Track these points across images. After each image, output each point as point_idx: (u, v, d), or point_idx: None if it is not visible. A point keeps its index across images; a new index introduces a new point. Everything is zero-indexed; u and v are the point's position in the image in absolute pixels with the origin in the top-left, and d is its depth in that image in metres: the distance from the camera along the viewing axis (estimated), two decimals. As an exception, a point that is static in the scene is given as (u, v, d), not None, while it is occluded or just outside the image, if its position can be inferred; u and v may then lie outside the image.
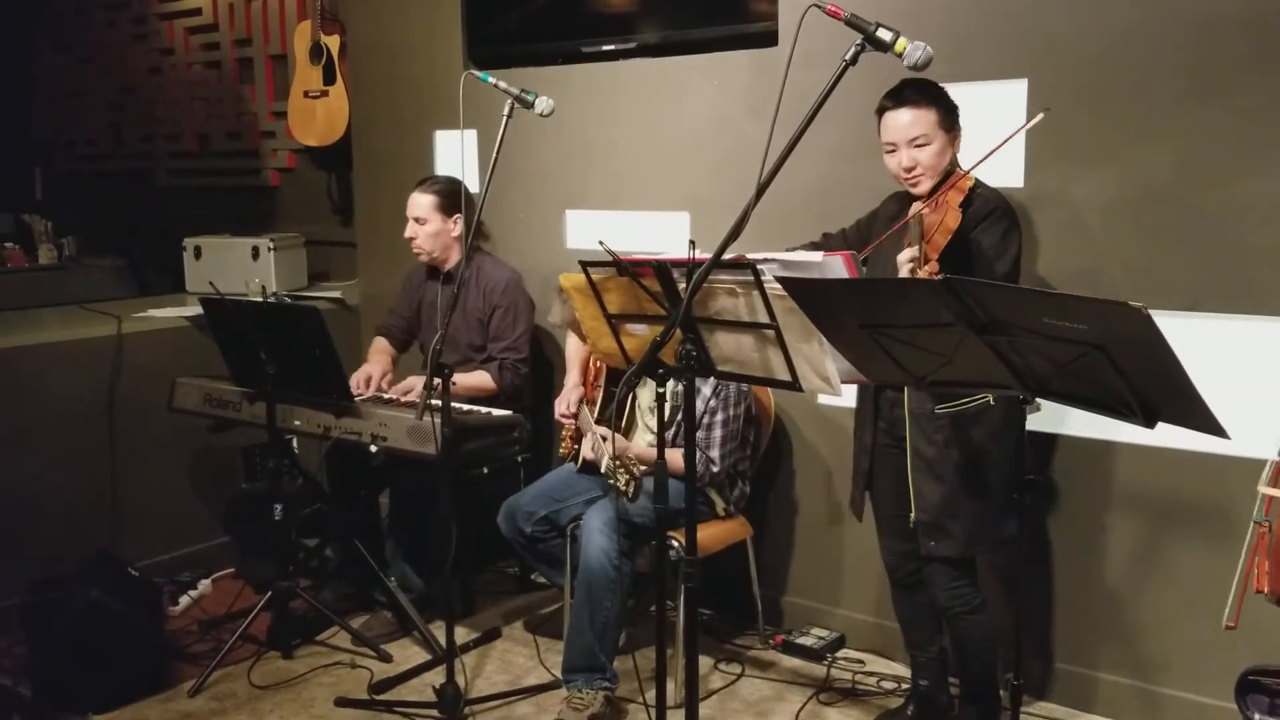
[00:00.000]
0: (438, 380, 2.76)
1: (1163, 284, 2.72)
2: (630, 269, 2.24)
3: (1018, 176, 2.88)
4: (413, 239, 3.56)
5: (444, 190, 3.57)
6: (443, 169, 4.09)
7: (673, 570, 2.94)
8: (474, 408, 3.32)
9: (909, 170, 2.53)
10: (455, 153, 4.07)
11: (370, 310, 4.48)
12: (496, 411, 3.30)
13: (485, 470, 3.33)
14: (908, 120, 2.50)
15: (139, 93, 5.83)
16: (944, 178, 2.52)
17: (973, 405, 2.52)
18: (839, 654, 3.31)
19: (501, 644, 3.44)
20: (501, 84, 2.84)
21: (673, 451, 2.73)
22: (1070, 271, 2.85)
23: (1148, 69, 2.70)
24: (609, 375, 3.31)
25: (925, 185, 2.53)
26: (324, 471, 3.67)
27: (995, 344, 1.84)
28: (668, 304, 2.22)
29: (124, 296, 5.01)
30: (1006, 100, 2.86)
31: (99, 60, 5.99)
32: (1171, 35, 2.66)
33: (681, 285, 2.16)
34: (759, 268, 2.07)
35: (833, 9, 2.02)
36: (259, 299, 4.15)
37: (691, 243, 2.14)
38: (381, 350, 3.78)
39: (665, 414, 2.28)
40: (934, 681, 2.85)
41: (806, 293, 2.02)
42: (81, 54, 6.07)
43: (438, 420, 2.78)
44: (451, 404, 2.79)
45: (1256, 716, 2.27)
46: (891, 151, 2.56)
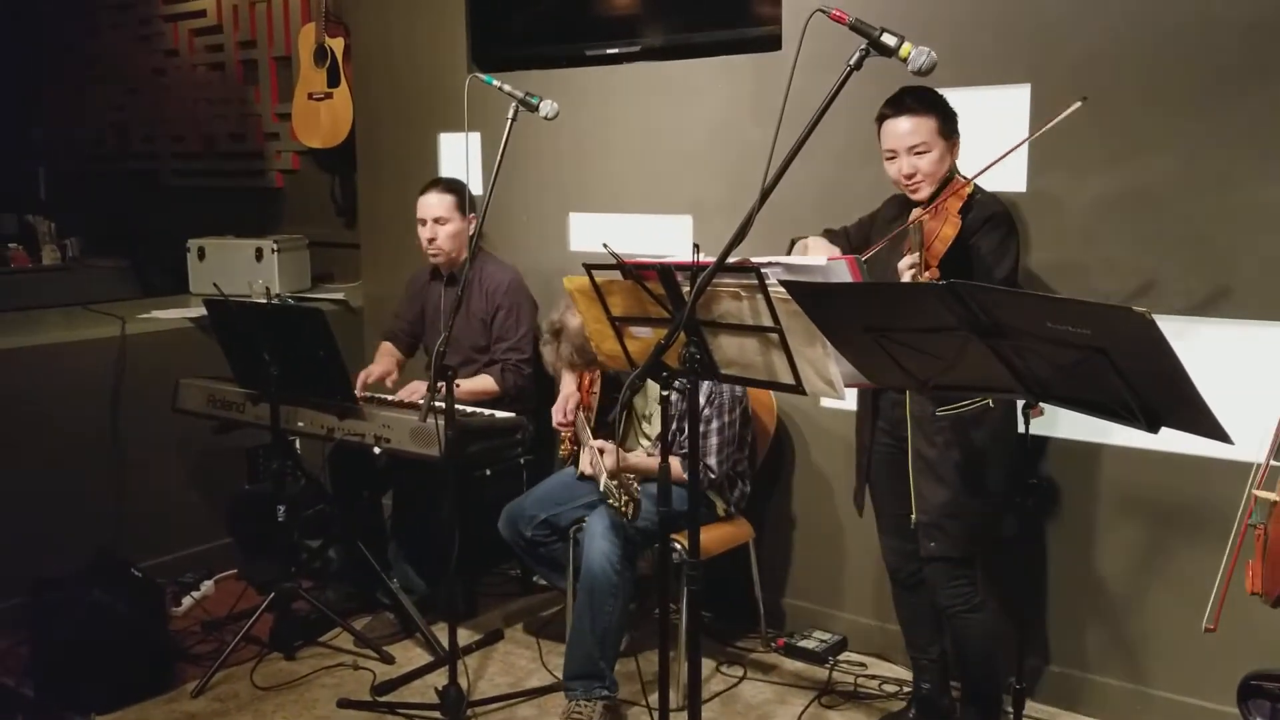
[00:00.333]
0: (441, 383, 2.76)
1: (1164, 288, 2.73)
2: (634, 272, 2.25)
3: (1020, 181, 2.88)
4: (433, 240, 3.57)
5: (459, 190, 3.59)
6: (446, 171, 4.10)
7: (675, 573, 2.95)
8: (477, 409, 3.32)
9: (909, 177, 2.56)
10: (459, 155, 4.08)
11: (373, 312, 4.49)
12: (499, 414, 3.31)
13: (488, 472, 3.34)
14: (907, 128, 2.53)
15: (143, 94, 5.85)
16: (944, 184, 2.55)
17: (973, 407, 2.54)
18: (841, 657, 3.31)
19: (504, 646, 3.45)
20: (506, 87, 2.84)
21: (672, 460, 2.73)
22: (1072, 275, 2.85)
23: (1150, 75, 2.70)
24: (604, 381, 3.31)
25: (925, 192, 2.56)
26: (327, 473, 3.68)
27: (998, 348, 1.84)
28: (672, 307, 2.23)
29: (127, 297, 5.01)
30: (1009, 105, 2.87)
31: (104, 61, 6.00)
32: (1173, 41, 2.66)
33: (685, 288, 2.17)
34: (763, 271, 2.08)
35: (837, 14, 2.03)
36: (263, 300, 4.16)
37: (696, 246, 2.14)
38: (386, 353, 3.79)
39: (659, 426, 2.28)
40: (936, 684, 2.86)
41: (810, 296, 2.02)
42: (86, 55, 6.08)
43: (441, 422, 2.79)
44: (455, 406, 2.80)
45: (1258, 721, 2.27)
46: (891, 159, 2.58)
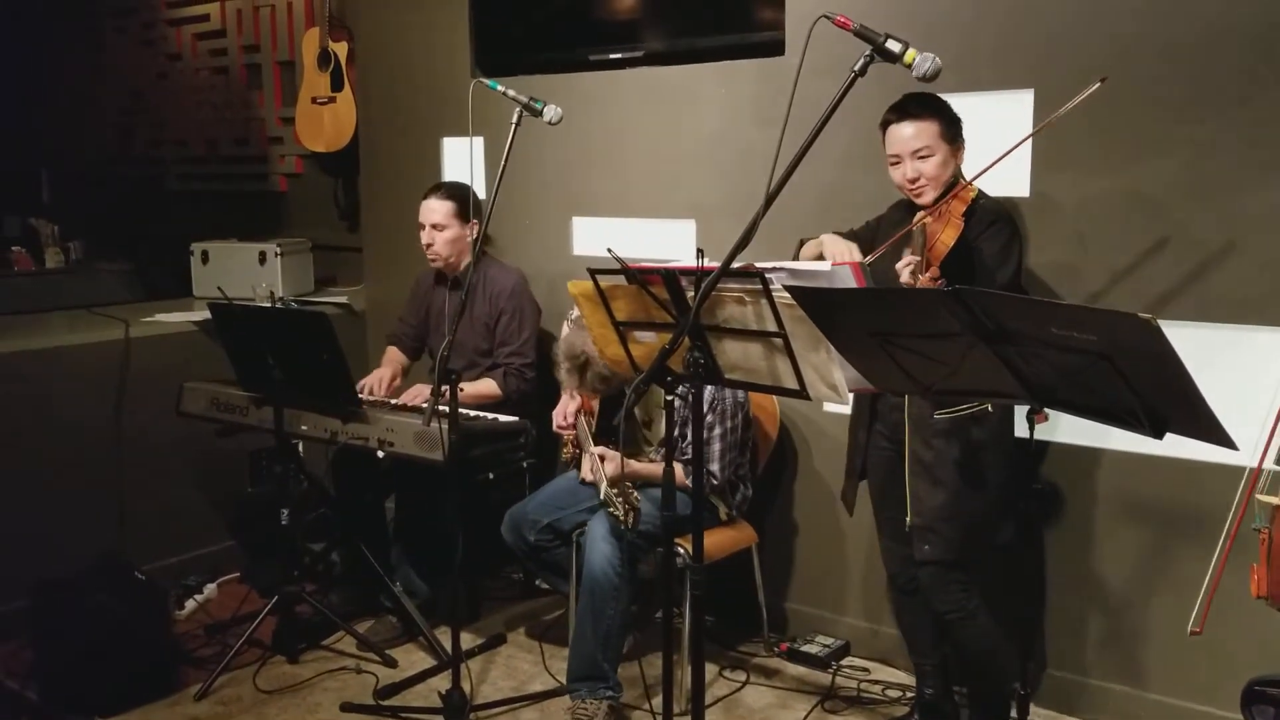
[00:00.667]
0: (444, 386, 2.76)
1: (1165, 293, 2.73)
2: (639, 276, 2.25)
3: (1023, 185, 2.89)
4: (430, 245, 3.58)
5: (459, 196, 3.59)
6: (450, 175, 4.11)
7: (678, 578, 2.95)
8: (481, 413, 3.33)
9: (913, 181, 2.56)
10: (462, 159, 4.09)
11: (376, 315, 4.50)
12: (503, 417, 3.31)
13: (491, 476, 3.34)
14: (911, 133, 2.54)
15: (147, 97, 5.86)
16: (948, 188, 2.55)
17: (969, 412, 2.54)
18: (844, 662, 3.31)
19: (506, 650, 3.45)
20: (510, 92, 2.85)
21: (675, 465, 2.73)
22: (1074, 279, 2.85)
23: (1153, 81, 2.71)
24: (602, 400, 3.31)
25: (929, 196, 2.56)
26: (330, 476, 3.68)
27: (1004, 353, 1.84)
28: (676, 312, 2.23)
29: (130, 300, 5.02)
30: (1013, 111, 2.87)
31: (107, 65, 6.02)
32: (1176, 48, 2.67)
33: (690, 293, 2.17)
34: (767, 276, 2.08)
35: (842, 20, 2.03)
36: (267, 304, 4.16)
37: (700, 251, 2.15)
38: (391, 359, 3.80)
39: (662, 433, 2.29)
40: (938, 690, 2.86)
41: (815, 301, 2.03)
42: (90, 59, 6.09)
43: (445, 426, 2.79)
44: (459, 410, 2.80)
45: (1262, 727, 2.27)
46: (895, 163, 2.59)
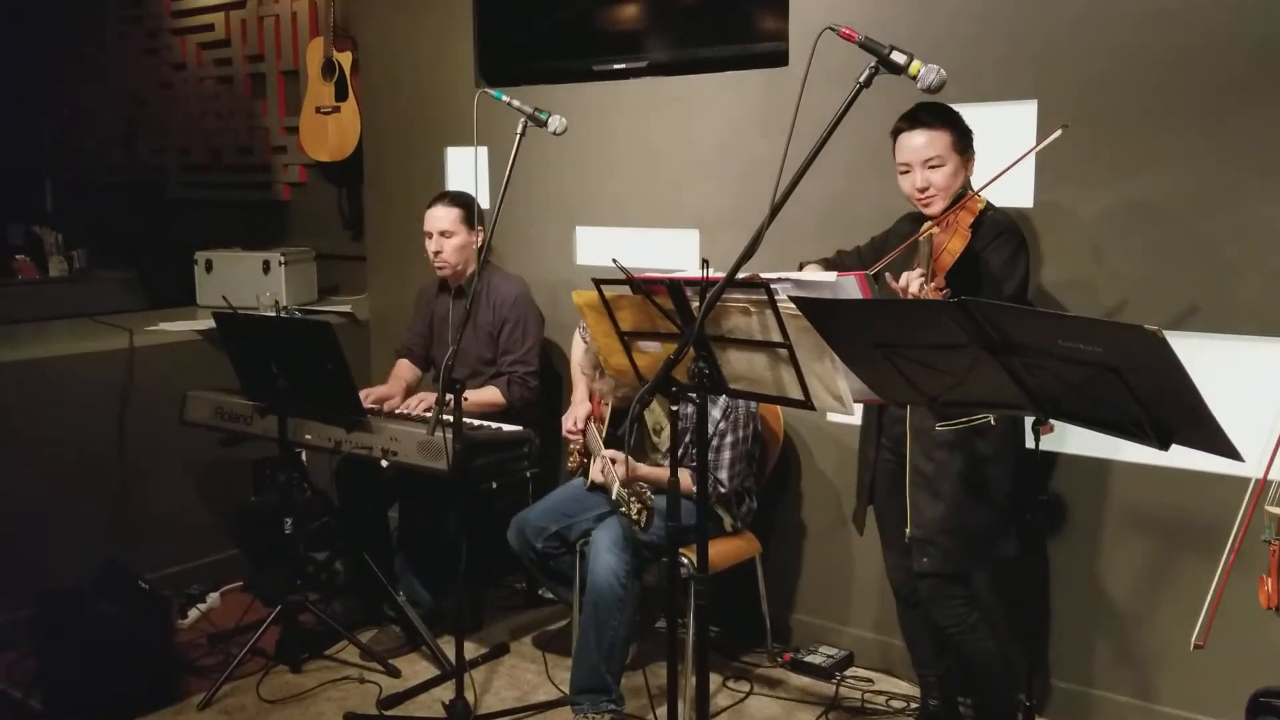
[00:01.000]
0: (449, 395, 2.77)
1: (1171, 304, 2.73)
2: (644, 287, 2.26)
3: (1027, 197, 2.89)
4: (438, 253, 3.58)
5: (466, 203, 3.60)
6: (454, 185, 4.12)
7: (683, 587, 2.94)
8: (484, 423, 3.33)
9: (922, 191, 2.55)
10: (466, 168, 4.10)
11: (380, 324, 4.50)
12: (506, 427, 3.31)
13: (494, 485, 3.34)
14: (922, 142, 2.53)
15: (151, 106, 5.88)
16: (956, 199, 2.54)
17: (972, 425, 2.53)
18: (847, 672, 3.31)
19: (509, 659, 3.45)
20: (515, 102, 2.86)
21: (682, 472, 2.72)
22: (1078, 290, 2.86)
23: (1156, 92, 2.71)
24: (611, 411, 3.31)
25: (937, 206, 2.55)
26: (334, 485, 3.68)
27: (1009, 364, 1.85)
28: (681, 322, 2.24)
29: (133, 309, 5.03)
30: (1016, 122, 2.88)
31: (111, 74, 6.04)
32: (1179, 59, 2.67)
33: (695, 304, 2.18)
34: (772, 287, 2.09)
35: (847, 32, 2.04)
36: (271, 313, 4.17)
37: (705, 261, 2.15)
38: (399, 375, 3.80)
39: (673, 438, 2.29)
40: (943, 701, 2.85)
41: (820, 312, 2.03)
42: (94, 67, 6.12)
43: (449, 435, 2.79)
44: (463, 419, 2.80)
45: (1267, 738, 2.27)
46: (905, 172, 2.58)
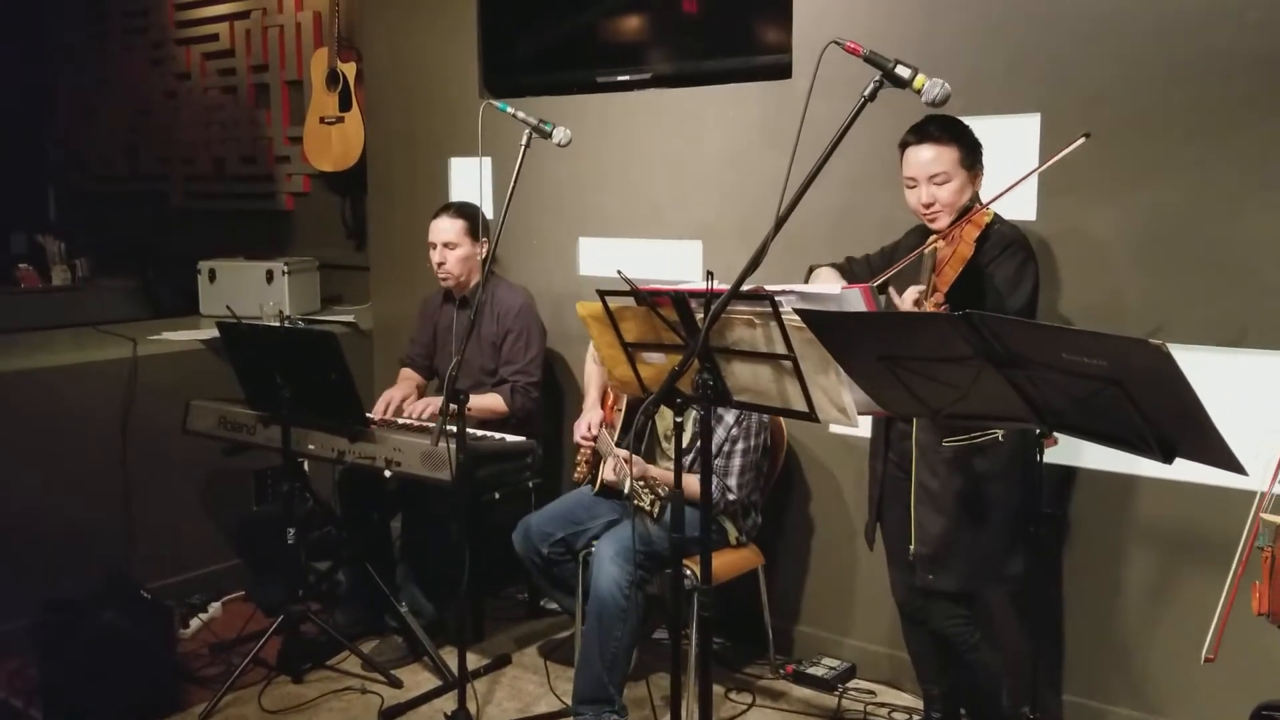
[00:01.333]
0: (453, 405, 2.77)
1: (1174, 317, 2.74)
2: (648, 299, 2.26)
3: (1030, 210, 2.90)
4: (442, 264, 3.59)
5: (470, 215, 3.61)
6: (457, 195, 4.13)
7: (686, 598, 2.94)
8: (488, 434, 3.33)
9: (927, 206, 2.53)
10: (470, 179, 4.11)
11: (383, 334, 4.51)
12: (510, 437, 3.32)
13: (496, 496, 3.34)
14: (929, 157, 2.51)
15: (155, 116, 5.90)
16: (964, 212, 2.51)
17: (981, 440, 2.50)
18: (850, 684, 3.30)
19: (511, 670, 3.44)
20: (520, 114, 2.87)
21: (690, 477, 2.72)
22: (1082, 304, 2.86)
23: (1160, 105, 2.72)
24: (628, 402, 3.32)
25: (943, 221, 2.52)
26: (337, 495, 3.69)
27: (1013, 378, 1.85)
28: (685, 334, 2.24)
29: (136, 318, 5.04)
30: (1020, 135, 2.89)
31: (115, 83, 6.06)
32: (1183, 72, 2.68)
33: (699, 315, 2.18)
34: (777, 299, 2.09)
35: (852, 46, 2.05)
36: (275, 323, 4.18)
37: (709, 274, 2.16)
38: (407, 379, 3.81)
39: (683, 441, 2.29)
40: (945, 715, 2.84)
41: (824, 324, 2.04)
42: (99, 77, 6.14)
43: (453, 446, 2.79)
44: (467, 430, 2.81)
45: (1271, 752, 2.26)
46: (912, 186, 2.56)
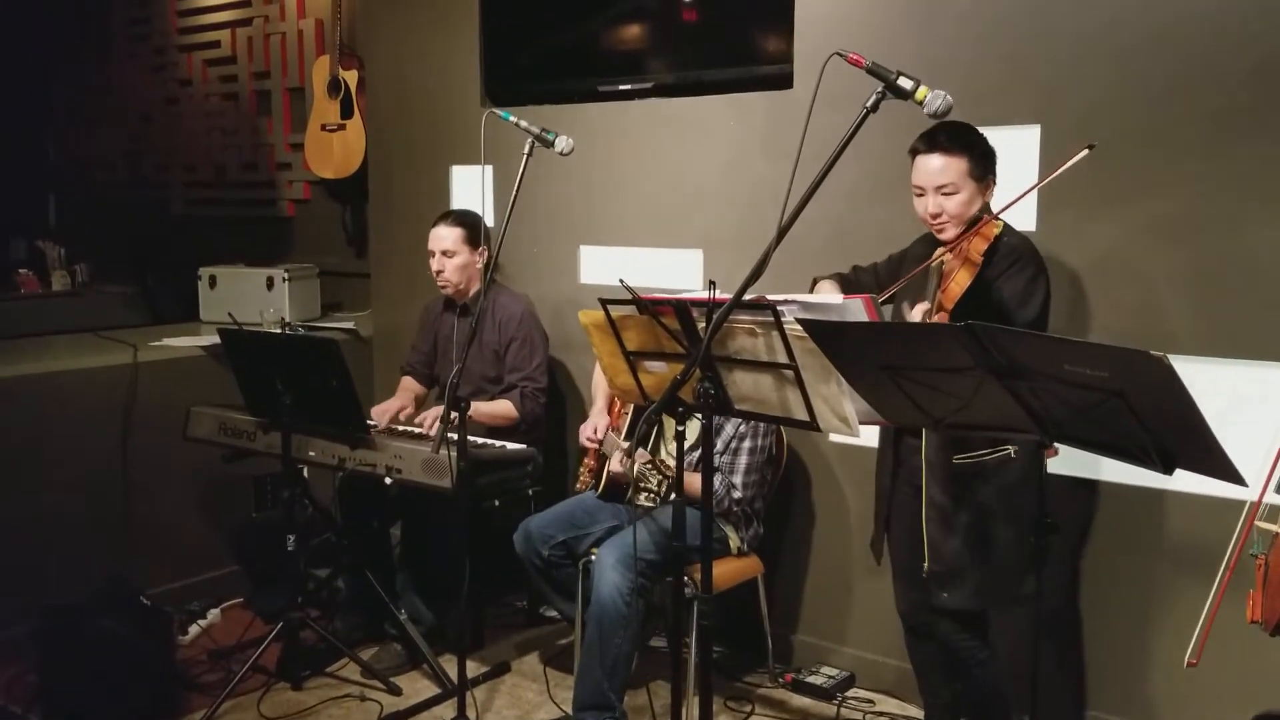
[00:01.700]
0: (454, 413, 2.78)
1: (1172, 328, 2.75)
2: (650, 308, 2.27)
3: (1030, 222, 2.91)
4: (440, 272, 3.60)
5: (469, 223, 3.62)
6: (459, 203, 4.14)
7: (687, 607, 2.94)
8: (488, 441, 3.34)
9: (934, 217, 2.48)
10: (471, 187, 4.12)
11: (383, 341, 4.52)
12: (510, 445, 3.32)
13: (497, 503, 3.34)
14: (937, 167, 2.45)
15: (156, 122, 5.91)
16: (973, 223, 2.47)
17: (992, 457, 2.47)
18: (849, 693, 3.30)
19: (511, 678, 3.44)
20: (522, 123, 2.88)
21: (694, 476, 2.70)
22: (1079, 314, 2.87)
23: (1158, 117, 2.73)
24: (635, 407, 3.32)
25: (950, 233, 2.48)
26: (337, 502, 3.69)
27: (1015, 388, 1.86)
28: (687, 343, 2.25)
29: (137, 324, 5.04)
30: (1020, 146, 2.90)
31: (117, 89, 6.07)
32: (1183, 84, 2.70)
33: (701, 324, 2.19)
34: (779, 309, 2.10)
35: (855, 58, 2.05)
36: (277, 330, 4.18)
37: (711, 283, 2.16)
38: (406, 389, 3.81)
39: (685, 444, 2.30)
40: (947, 725, 2.84)
41: (826, 334, 2.04)
42: (100, 83, 6.15)
43: (454, 454, 2.80)
44: (467, 437, 2.81)
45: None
46: (920, 195, 2.50)
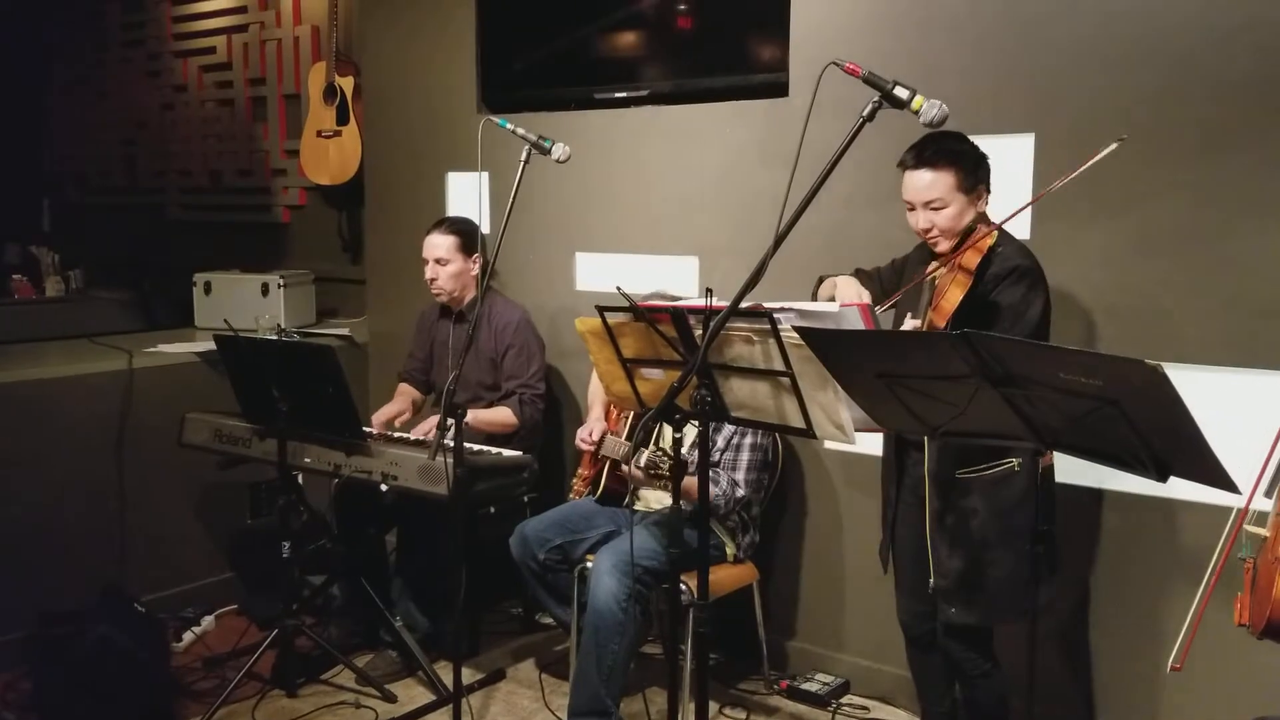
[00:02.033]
0: (450, 420, 2.78)
1: (1167, 337, 2.76)
2: (647, 315, 2.28)
3: (1024, 230, 2.92)
4: (434, 280, 3.60)
5: (463, 230, 3.62)
6: (454, 210, 4.14)
7: (683, 614, 2.94)
8: (484, 448, 3.34)
9: (925, 231, 2.49)
10: (467, 194, 4.13)
11: (378, 347, 4.52)
12: (507, 452, 3.32)
13: (492, 510, 3.34)
14: (925, 182, 2.44)
15: (151, 128, 5.91)
16: (968, 232, 2.46)
17: (996, 471, 2.45)
18: (844, 700, 3.31)
19: (506, 685, 3.44)
20: (519, 130, 2.89)
21: (691, 478, 2.70)
22: (1073, 323, 2.88)
23: (1151, 128, 2.75)
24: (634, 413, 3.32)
25: (944, 246, 2.48)
26: (333, 509, 3.68)
27: (1010, 397, 1.87)
28: (684, 350, 2.26)
29: (131, 330, 5.03)
30: (1014, 155, 2.91)
31: (112, 95, 6.06)
32: (1177, 94, 2.72)
33: (698, 332, 2.20)
34: (775, 316, 2.11)
35: (851, 67, 2.07)
36: (272, 336, 4.18)
37: (709, 290, 2.17)
38: (404, 394, 3.81)
39: (684, 446, 2.30)
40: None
41: (823, 341, 2.05)
42: (96, 88, 6.14)
43: (450, 460, 2.80)
44: (464, 444, 2.81)
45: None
46: (910, 210, 2.51)
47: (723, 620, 3.24)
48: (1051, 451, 2.00)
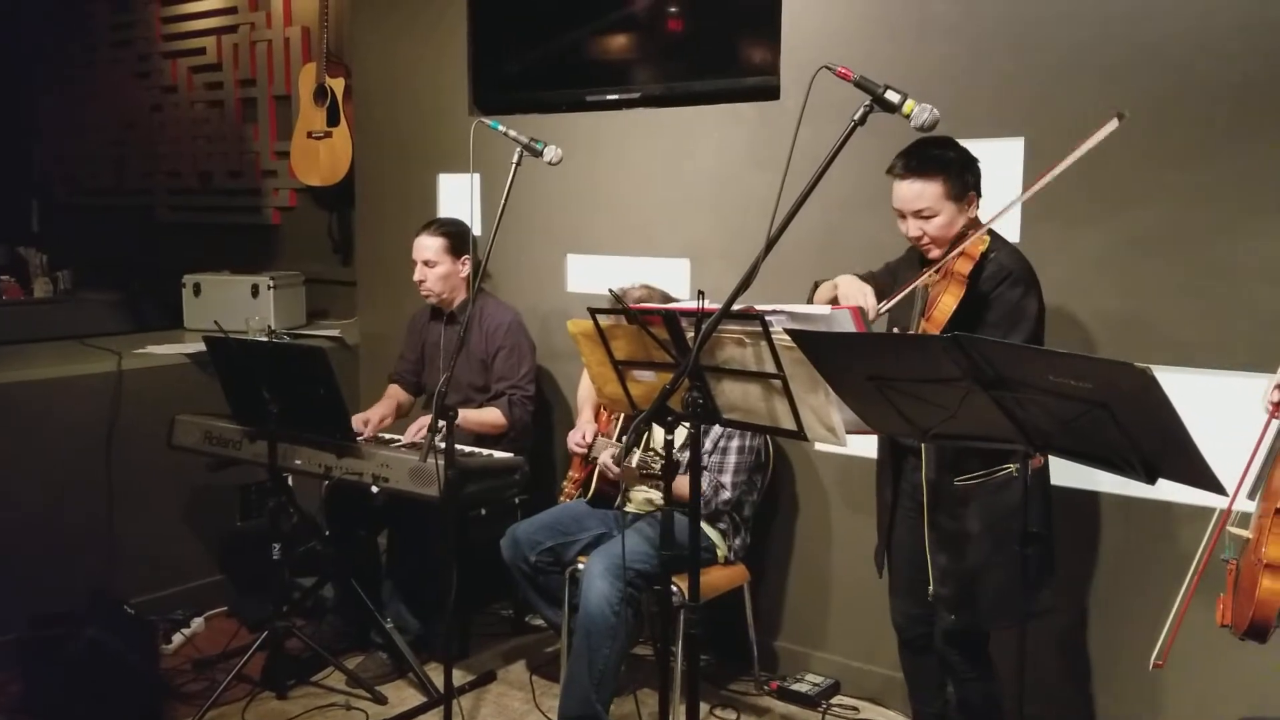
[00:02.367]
0: (442, 422, 2.78)
1: (1158, 340, 2.78)
2: (639, 317, 2.28)
3: (1014, 232, 2.93)
4: (422, 281, 3.60)
5: (452, 232, 3.61)
6: (445, 212, 4.14)
7: (674, 615, 2.95)
8: (475, 450, 3.34)
9: (917, 239, 2.49)
10: (458, 195, 4.12)
11: (369, 349, 4.51)
12: (497, 454, 3.32)
13: (483, 511, 3.35)
14: (913, 192, 2.43)
15: (141, 129, 5.89)
16: (960, 238, 2.45)
17: (994, 478, 2.45)
18: (834, 700, 3.32)
19: (496, 687, 3.44)
20: (511, 132, 2.89)
21: (681, 478, 2.70)
22: (1064, 325, 2.89)
23: (1142, 130, 2.75)
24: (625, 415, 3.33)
25: (936, 253, 2.47)
26: (323, 511, 3.68)
27: (1000, 399, 1.88)
28: (676, 352, 2.26)
29: (119, 331, 5.01)
30: (1004, 159, 2.92)
31: (102, 96, 6.05)
32: (1166, 98, 2.73)
33: (690, 334, 2.20)
34: (767, 319, 2.12)
35: (843, 71, 2.08)
36: (263, 337, 4.17)
37: (700, 293, 2.18)
38: (390, 396, 3.81)
39: (675, 447, 2.31)
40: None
41: (814, 344, 2.06)
42: (85, 89, 6.12)
43: (441, 462, 2.80)
44: (455, 446, 2.81)
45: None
46: (901, 218, 2.51)
47: (714, 622, 3.25)
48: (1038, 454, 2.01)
